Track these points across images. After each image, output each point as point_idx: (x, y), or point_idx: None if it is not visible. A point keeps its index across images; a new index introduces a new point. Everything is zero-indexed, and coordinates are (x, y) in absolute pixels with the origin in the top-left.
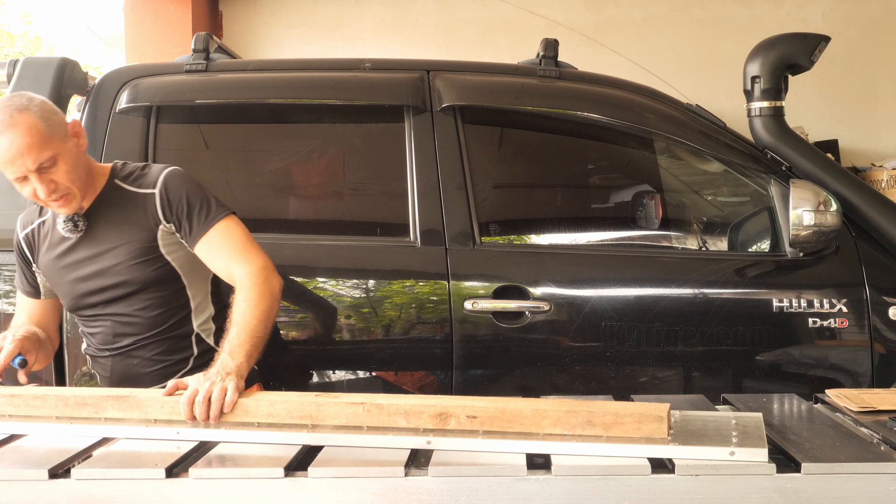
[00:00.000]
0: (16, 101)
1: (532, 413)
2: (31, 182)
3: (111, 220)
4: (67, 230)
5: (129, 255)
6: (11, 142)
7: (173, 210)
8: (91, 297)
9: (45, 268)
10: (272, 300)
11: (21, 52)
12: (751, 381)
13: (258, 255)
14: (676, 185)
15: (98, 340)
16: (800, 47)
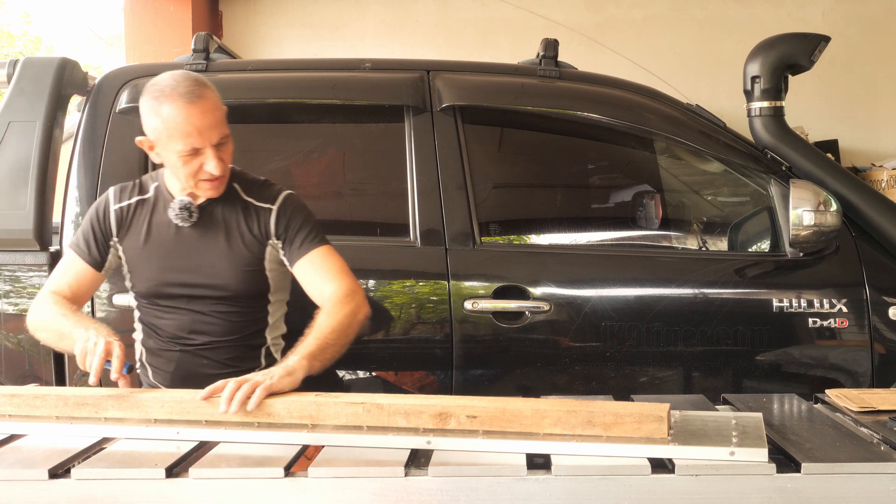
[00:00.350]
0: (198, 78)
1: (532, 413)
2: (205, 157)
3: (223, 220)
4: (180, 217)
5: (234, 260)
6: (203, 113)
7: (286, 226)
8: (178, 288)
9: (132, 247)
10: (352, 321)
11: (21, 52)
12: (751, 381)
13: (352, 281)
14: (676, 185)
15: (168, 332)
16: (800, 47)
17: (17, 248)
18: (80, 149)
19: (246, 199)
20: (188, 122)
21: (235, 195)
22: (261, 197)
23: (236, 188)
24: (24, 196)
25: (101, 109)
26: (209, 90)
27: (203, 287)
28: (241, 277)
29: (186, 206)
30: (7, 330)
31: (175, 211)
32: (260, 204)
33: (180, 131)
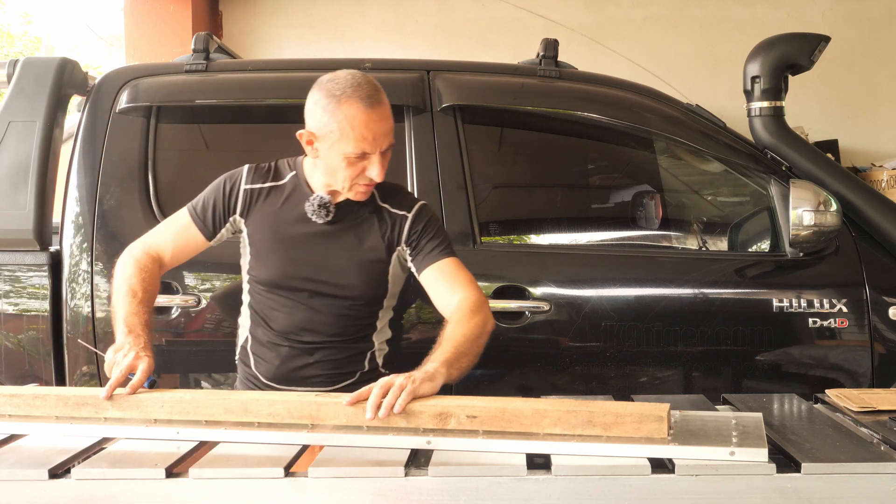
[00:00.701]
0: (371, 79)
1: (532, 413)
2: (369, 162)
3: (357, 222)
4: (316, 214)
5: (362, 263)
6: (380, 118)
7: (419, 235)
8: (301, 282)
9: (258, 231)
10: (482, 330)
11: (21, 52)
12: (751, 381)
13: (479, 293)
14: (676, 185)
15: (280, 326)
16: (800, 47)
17: (17, 248)
18: (80, 149)
19: (381, 204)
20: (366, 126)
21: (372, 199)
22: (396, 204)
23: (374, 192)
24: (24, 196)
25: (101, 109)
26: (385, 96)
27: (327, 284)
28: (366, 280)
29: (325, 204)
30: (7, 330)
31: (313, 207)
32: (395, 210)
33: (356, 134)
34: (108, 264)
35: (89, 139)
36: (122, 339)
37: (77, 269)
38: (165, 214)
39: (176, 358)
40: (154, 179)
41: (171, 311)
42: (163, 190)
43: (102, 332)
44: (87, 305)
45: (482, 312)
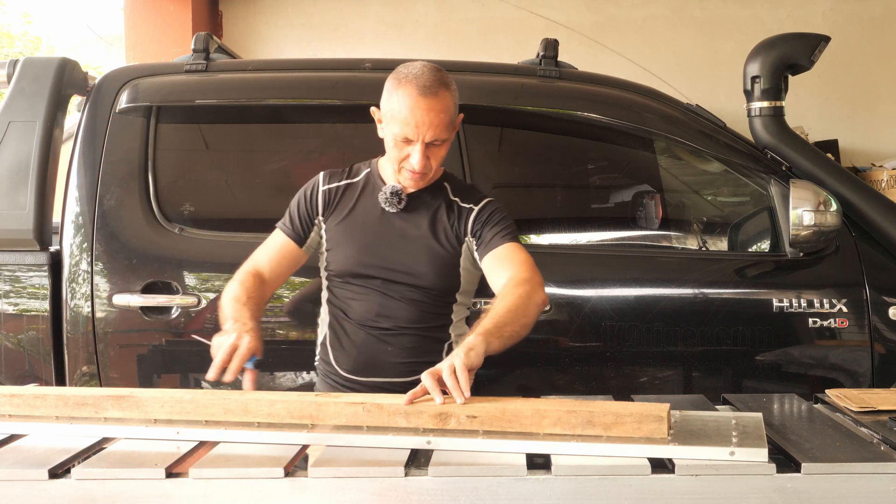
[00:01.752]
0: (443, 76)
1: (532, 413)
2: (412, 149)
3: (429, 213)
4: (388, 202)
5: (433, 252)
6: (429, 109)
7: (483, 224)
8: (374, 269)
9: (334, 225)
10: (526, 302)
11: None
12: (751, 381)
13: (530, 270)
14: (676, 185)
15: (357, 313)
16: (800, 47)
17: (17, 248)
18: (80, 149)
19: (453, 198)
20: (411, 112)
21: (444, 193)
22: (466, 198)
23: (446, 187)
24: (24, 196)
25: (101, 109)
26: (447, 92)
27: (399, 272)
28: (437, 270)
29: (397, 192)
30: (7, 330)
31: (385, 195)
32: (464, 204)
33: (402, 117)
34: (108, 264)
35: (89, 139)
36: (228, 325)
37: (77, 269)
38: (165, 214)
39: (176, 358)
40: (154, 179)
41: (171, 311)
42: (163, 190)
43: (102, 332)
44: (87, 305)
45: (528, 286)
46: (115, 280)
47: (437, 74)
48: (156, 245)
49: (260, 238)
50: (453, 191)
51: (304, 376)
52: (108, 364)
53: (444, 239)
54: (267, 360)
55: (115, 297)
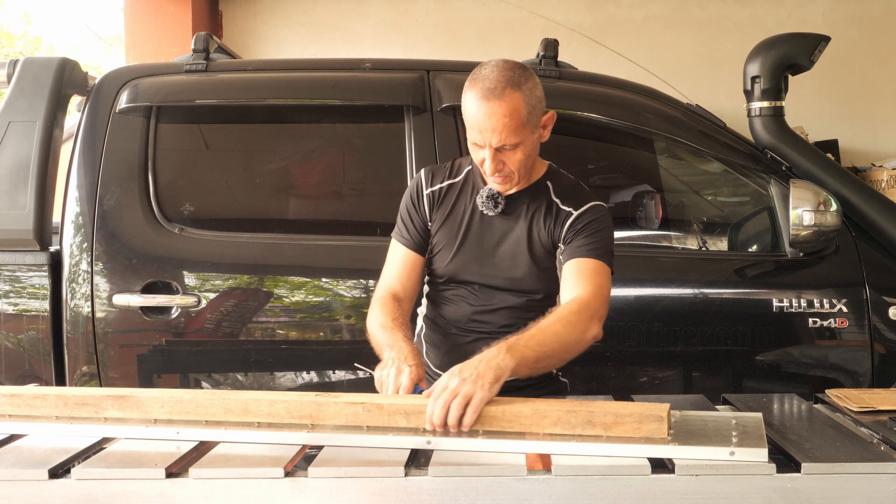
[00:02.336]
0: (514, 75)
1: (532, 413)
2: (484, 153)
3: (529, 215)
4: (485, 206)
5: (531, 256)
6: (491, 114)
7: (576, 230)
8: (473, 275)
9: (438, 228)
10: (580, 336)
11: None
12: (751, 381)
13: (600, 300)
14: (676, 185)
15: (450, 314)
16: (800, 47)
17: (17, 248)
18: (80, 149)
19: (553, 198)
20: (474, 117)
21: (545, 193)
22: (567, 200)
23: (548, 186)
24: (24, 196)
25: (101, 109)
26: (517, 92)
27: (497, 277)
28: (536, 273)
29: (493, 196)
30: (7, 330)
31: (482, 199)
32: (563, 206)
33: (469, 121)
34: (108, 264)
35: (89, 139)
36: (386, 355)
37: (77, 269)
38: (165, 214)
39: (176, 358)
40: (154, 179)
41: (171, 311)
42: (163, 190)
43: (102, 332)
44: (87, 305)
45: (588, 316)
46: (115, 280)
47: (505, 74)
48: (156, 245)
49: (258, 238)
50: (555, 190)
51: (304, 376)
52: (108, 364)
53: (541, 243)
54: (267, 360)
55: (115, 297)
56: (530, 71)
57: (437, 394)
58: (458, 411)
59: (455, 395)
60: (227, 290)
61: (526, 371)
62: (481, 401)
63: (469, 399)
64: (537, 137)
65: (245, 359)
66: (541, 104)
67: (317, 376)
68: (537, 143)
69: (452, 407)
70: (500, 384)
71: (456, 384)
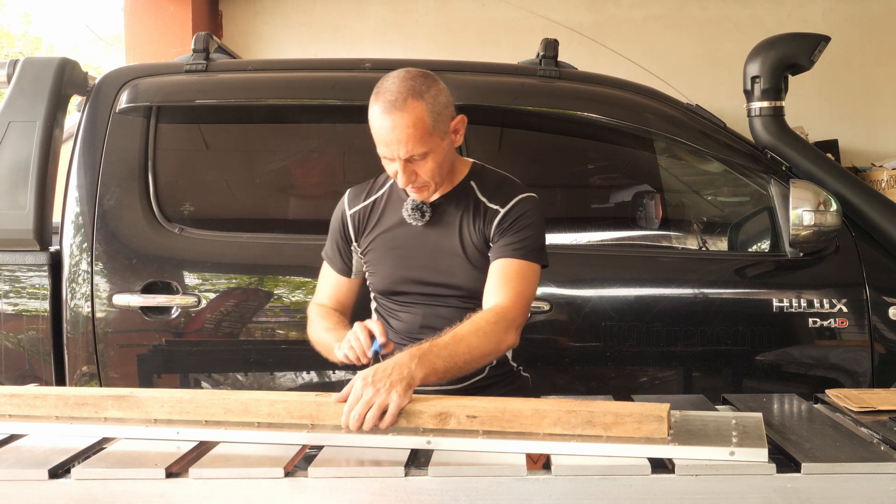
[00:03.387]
0: (415, 84)
1: (532, 413)
2: (395, 166)
3: (458, 219)
4: (412, 217)
5: (467, 259)
6: (394, 126)
7: (503, 228)
8: (413, 285)
9: (369, 246)
10: (495, 347)
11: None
12: (751, 381)
13: (519, 308)
14: (676, 185)
15: (400, 326)
16: (800, 47)
17: (17, 248)
18: (80, 149)
19: (480, 198)
20: (379, 131)
21: (471, 194)
22: (493, 198)
23: (473, 186)
24: (24, 196)
25: (101, 109)
26: (419, 102)
27: (438, 285)
28: (475, 276)
29: (418, 207)
30: (7, 330)
31: (408, 211)
32: (491, 205)
33: (375, 136)
34: (108, 264)
35: (89, 139)
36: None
37: (77, 269)
38: (165, 214)
39: (176, 358)
40: (154, 179)
41: (171, 311)
42: (163, 190)
43: (102, 332)
44: (87, 305)
45: (505, 326)
46: (115, 280)
47: (406, 84)
48: (156, 245)
49: (259, 239)
50: (481, 189)
51: (304, 376)
52: (108, 364)
53: (474, 245)
54: (267, 360)
55: (115, 297)
56: (433, 77)
57: (352, 403)
58: (374, 421)
59: (370, 405)
60: (227, 290)
61: (434, 379)
62: (398, 407)
63: (385, 408)
64: (448, 143)
65: (245, 359)
66: (447, 110)
67: (317, 376)
68: (449, 149)
69: (368, 417)
70: (412, 389)
71: (370, 395)
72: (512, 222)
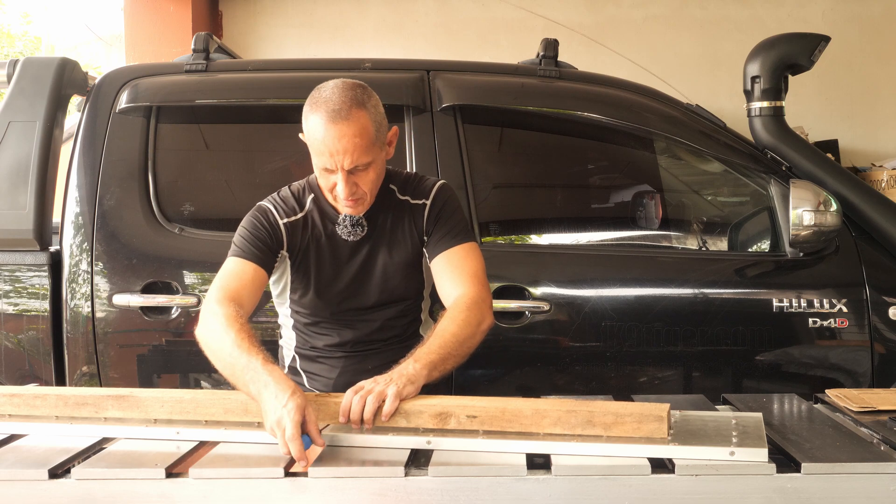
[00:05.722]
0: (357, 94)
1: (532, 413)
2: (336, 178)
3: (386, 227)
4: (352, 234)
5: (403, 267)
6: (341, 135)
7: (434, 218)
8: (351, 300)
9: (300, 262)
10: (475, 330)
11: (21, 52)
12: (751, 381)
13: (482, 288)
14: (676, 185)
15: (331, 343)
16: (800, 47)
17: (17, 248)
18: (80, 149)
19: (402, 198)
20: (323, 141)
21: (392, 197)
22: (415, 193)
23: (393, 189)
24: (24, 196)
25: (101, 109)
26: (362, 111)
27: (372, 295)
28: (408, 282)
29: (357, 222)
30: (7, 330)
31: (346, 228)
32: (415, 201)
33: (316, 147)
34: (108, 264)
35: (89, 139)
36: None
37: (77, 269)
38: (165, 214)
39: (176, 358)
40: (154, 179)
41: (171, 311)
42: (163, 190)
43: (102, 332)
44: (87, 305)
45: (478, 310)
46: (115, 280)
47: (348, 94)
48: (156, 245)
49: None
50: (401, 189)
51: None
52: (108, 364)
53: (408, 249)
54: None
55: (115, 297)
56: (370, 89)
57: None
58: (373, 407)
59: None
60: None
61: (436, 374)
62: (396, 395)
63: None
64: (384, 155)
65: None
66: (385, 121)
67: None
68: (385, 161)
69: (368, 402)
70: (414, 387)
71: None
72: (439, 211)
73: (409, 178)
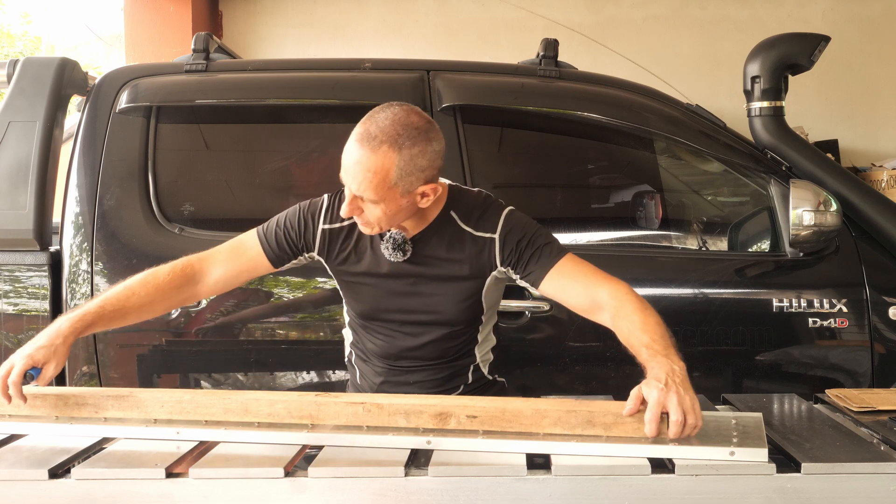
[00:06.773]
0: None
1: (532, 413)
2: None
3: (442, 252)
4: (394, 256)
5: (454, 294)
6: (357, 161)
7: (515, 252)
8: (393, 314)
9: (345, 271)
10: (651, 310)
11: (21, 52)
12: (751, 381)
13: (610, 279)
14: (676, 185)
15: (376, 351)
16: (800, 47)
17: (17, 248)
18: (80, 149)
19: (464, 227)
20: (344, 154)
21: (452, 224)
22: (479, 226)
23: (453, 217)
24: (24, 196)
25: (101, 109)
26: (392, 153)
27: (419, 313)
28: (460, 309)
29: (400, 245)
30: (7, 330)
31: (389, 249)
32: (480, 234)
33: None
34: (108, 264)
35: (89, 139)
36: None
37: (77, 269)
38: (165, 214)
39: (176, 358)
40: (154, 179)
41: (171, 310)
42: (163, 190)
43: (102, 332)
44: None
45: (637, 296)
46: (115, 280)
47: (394, 128)
48: (156, 245)
49: None
50: (462, 218)
51: (304, 376)
52: (108, 364)
53: (463, 278)
54: (267, 360)
55: None
56: (429, 135)
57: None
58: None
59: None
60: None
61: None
62: (692, 408)
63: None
64: (409, 202)
65: (245, 359)
66: (422, 173)
67: (317, 376)
68: (409, 206)
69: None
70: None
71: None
72: (518, 242)
73: (473, 207)
